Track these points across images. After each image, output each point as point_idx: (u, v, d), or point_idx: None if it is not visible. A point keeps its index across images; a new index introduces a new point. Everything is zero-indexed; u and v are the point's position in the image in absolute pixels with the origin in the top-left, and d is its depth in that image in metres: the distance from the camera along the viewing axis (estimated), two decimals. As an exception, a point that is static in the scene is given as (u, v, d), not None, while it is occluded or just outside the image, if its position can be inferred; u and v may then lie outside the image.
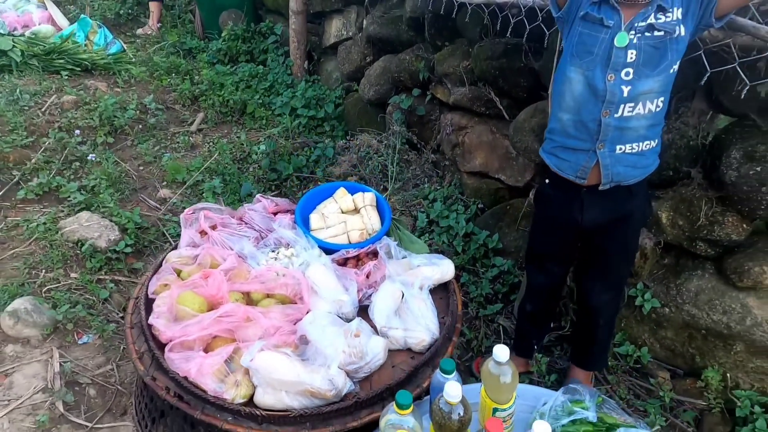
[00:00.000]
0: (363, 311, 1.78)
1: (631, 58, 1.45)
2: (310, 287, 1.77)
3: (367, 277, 1.85)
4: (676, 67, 1.48)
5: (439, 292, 1.91)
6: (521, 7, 2.17)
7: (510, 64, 2.61)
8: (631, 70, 1.46)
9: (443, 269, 1.89)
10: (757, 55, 1.54)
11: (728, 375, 1.95)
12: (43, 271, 2.36)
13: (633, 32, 1.44)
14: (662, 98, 1.51)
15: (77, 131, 3.21)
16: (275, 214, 2.19)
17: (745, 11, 1.51)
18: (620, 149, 1.55)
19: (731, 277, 1.87)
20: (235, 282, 1.76)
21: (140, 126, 3.52)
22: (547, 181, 1.78)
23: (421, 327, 1.68)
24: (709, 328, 1.94)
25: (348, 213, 2.23)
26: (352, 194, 2.27)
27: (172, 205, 2.93)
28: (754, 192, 1.75)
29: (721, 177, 1.85)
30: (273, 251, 1.99)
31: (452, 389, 1.26)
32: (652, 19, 1.42)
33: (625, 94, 1.48)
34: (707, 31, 1.56)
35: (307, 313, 1.67)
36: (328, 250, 1.99)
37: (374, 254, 2.03)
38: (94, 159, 3.03)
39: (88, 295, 2.29)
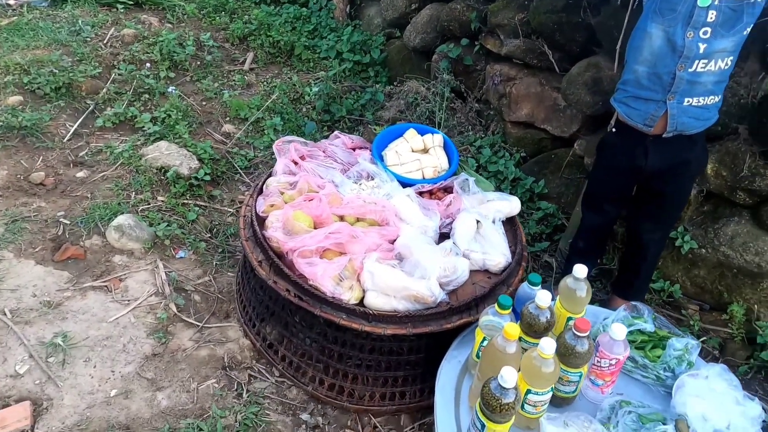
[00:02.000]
0: (442, 237, 2.02)
1: (711, 18, 1.62)
2: (395, 214, 2.00)
3: (447, 207, 2.08)
4: (749, 29, 1.65)
5: (506, 225, 2.14)
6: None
7: (568, 18, 2.74)
8: (709, 30, 1.64)
9: (512, 204, 2.13)
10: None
11: (754, 308, 2.23)
12: (133, 193, 2.58)
13: (717, -6, 1.60)
14: (732, 57, 1.69)
15: (148, 64, 3.35)
16: (354, 149, 2.39)
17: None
18: (688, 101, 1.75)
19: (767, 222, 2.11)
20: (331, 206, 1.99)
21: (198, 63, 3.65)
22: (613, 129, 1.98)
23: (497, 251, 1.92)
24: (741, 267, 2.20)
25: (417, 152, 2.44)
26: (421, 135, 2.46)
27: (237, 140, 3.12)
28: (798, 147, 1.97)
29: (766, 133, 2.06)
30: (356, 182, 2.21)
31: (544, 296, 1.51)
32: (735, -17, 1.59)
33: (701, 51, 1.66)
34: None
35: (397, 236, 1.91)
36: (404, 183, 2.21)
37: (445, 190, 2.25)
38: (174, 92, 3.19)
39: (176, 216, 2.52)
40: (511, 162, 3.06)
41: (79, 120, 2.96)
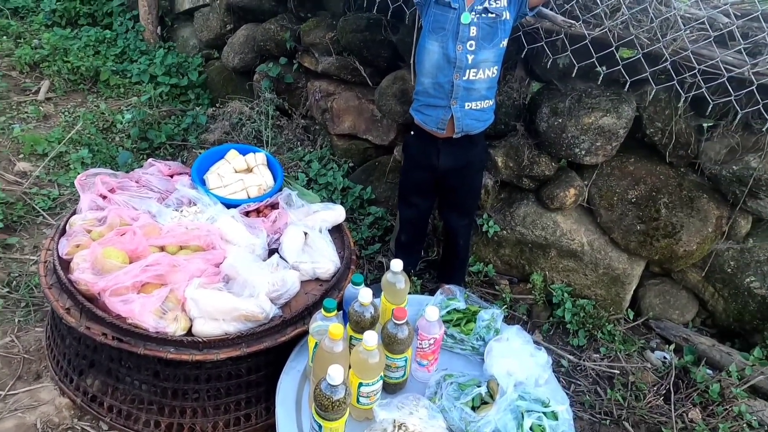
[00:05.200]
0: (272, 253, 2.04)
1: (473, 33, 1.92)
2: (221, 237, 1.97)
3: (273, 223, 2.11)
4: (504, 42, 1.98)
5: (334, 233, 2.24)
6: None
7: (372, 36, 2.97)
8: (473, 43, 1.93)
9: (336, 213, 2.23)
10: (556, 37, 2.13)
11: (547, 275, 2.64)
12: None
13: (474, 13, 1.90)
14: (496, 67, 2.02)
15: None
16: (171, 176, 2.29)
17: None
18: (468, 105, 2.04)
19: (546, 201, 2.53)
20: (148, 237, 1.88)
21: (-25, 95, 3.17)
22: (412, 133, 2.23)
23: (325, 259, 2.01)
24: (533, 241, 2.60)
25: (241, 172, 2.43)
26: (243, 155, 2.46)
27: (37, 179, 2.77)
28: (557, 137, 2.40)
29: (536, 128, 2.48)
30: (176, 210, 2.13)
31: (365, 294, 1.62)
32: (486, 4, 1.90)
33: (470, 62, 1.95)
34: (525, 18, 2.09)
35: (224, 258, 1.88)
36: (229, 205, 2.19)
37: (272, 207, 2.28)
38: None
39: (-39, 275, 2.16)
40: (339, 173, 3.20)
41: None
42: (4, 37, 3.74)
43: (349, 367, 1.52)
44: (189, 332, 1.66)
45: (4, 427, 1.69)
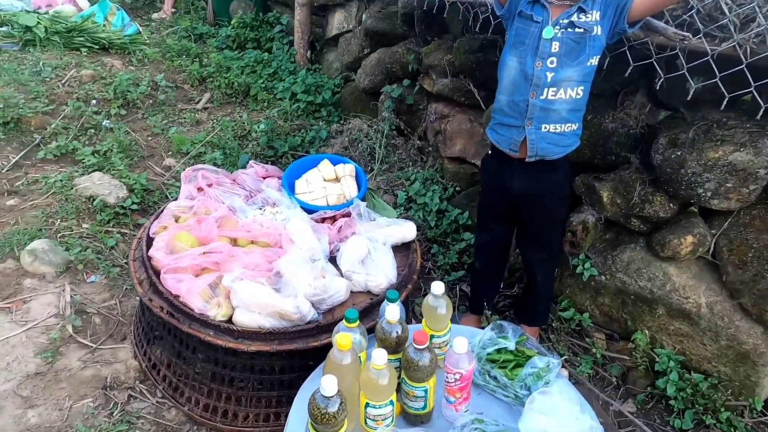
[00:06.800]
0: (335, 261, 2.06)
1: (555, 48, 1.73)
2: (288, 237, 2.05)
3: (339, 231, 2.13)
4: (593, 61, 1.75)
5: (403, 250, 2.18)
6: (488, 5, 2.44)
7: (486, 57, 2.87)
8: (555, 59, 1.74)
9: (405, 229, 2.17)
10: (670, 52, 1.81)
11: (655, 337, 2.21)
12: (59, 220, 2.66)
13: (558, 27, 1.72)
14: (582, 87, 1.78)
15: (94, 101, 3.52)
16: (265, 178, 2.47)
17: (662, 14, 1.78)
18: (545, 128, 1.84)
19: (656, 248, 2.14)
20: (225, 229, 2.05)
21: (151, 101, 3.83)
22: (489, 152, 2.08)
23: (381, 273, 1.96)
24: (636, 293, 2.21)
25: (330, 181, 2.52)
26: (334, 165, 2.55)
27: (176, 173, 3.23)
28: (674, 173, 2.02)
29: (651, 161, 2.12)
30: (260, 209, 2.28)
31: (392, 311, 1.54)
32: (574, 18, 1.71)
33: (549, 80, 1.76)
34: (626, 33, 1.82)
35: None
36: (309, 210, 2.28)
37: (348, 216, 2.31)
38: (108, 125, 3.34)
39: (97, 243, 2.59)
40: (437, 195, 3.13)
41: (23, 152, 3.09)
42: (184, 56, 4.48)
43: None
44: (230, 320, 1.75)
45: (84, 374, 1.96)
